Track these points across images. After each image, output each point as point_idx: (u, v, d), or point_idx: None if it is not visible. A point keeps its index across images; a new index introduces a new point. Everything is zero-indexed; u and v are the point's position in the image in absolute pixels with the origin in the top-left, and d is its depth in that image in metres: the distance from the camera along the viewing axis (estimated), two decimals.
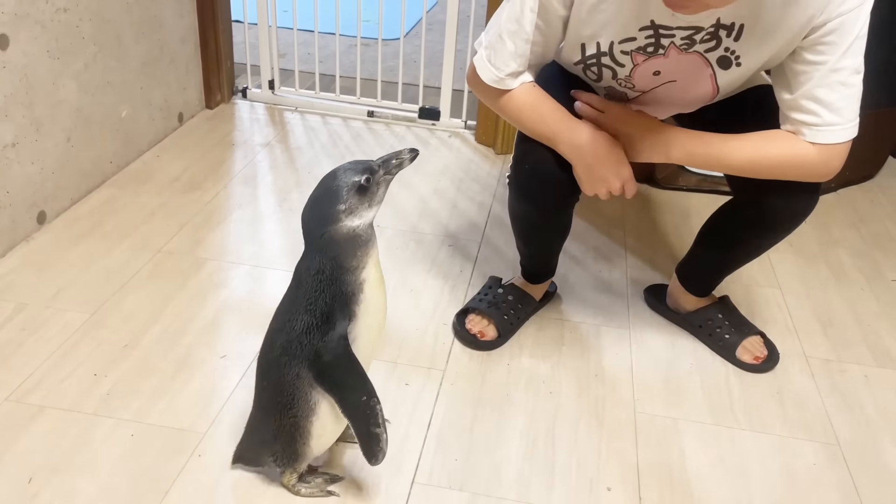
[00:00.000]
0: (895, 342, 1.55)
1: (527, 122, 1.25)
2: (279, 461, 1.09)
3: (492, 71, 1.23)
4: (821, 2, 1.07)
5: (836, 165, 1.19)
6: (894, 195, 2.17)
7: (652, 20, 1.15)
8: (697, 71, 1.20)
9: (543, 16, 1.19)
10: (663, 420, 1.31)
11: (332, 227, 0.98)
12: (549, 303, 1.59)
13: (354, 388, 1.01)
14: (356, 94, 2.41)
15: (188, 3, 2.17)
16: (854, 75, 1.14)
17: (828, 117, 1.14)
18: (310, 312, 1.00)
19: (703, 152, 1.20)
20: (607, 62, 1.23)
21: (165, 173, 1.97)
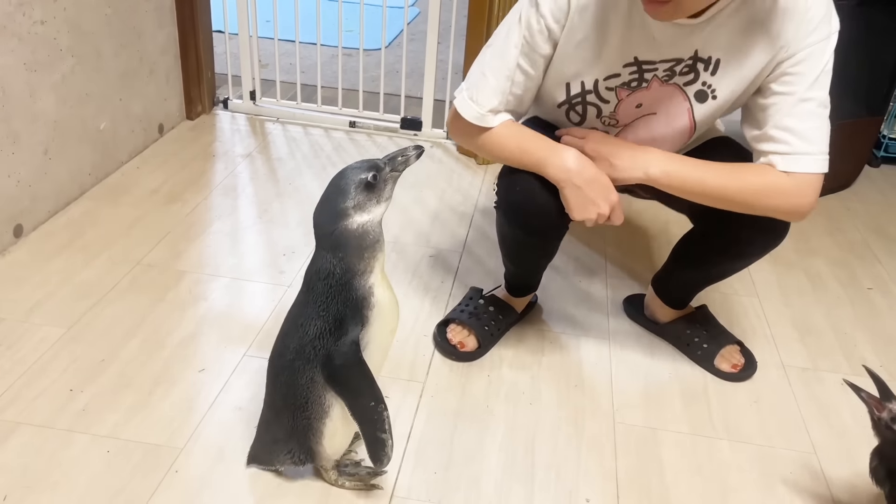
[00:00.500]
0: (871, 350, 1.57)
1: (512, 153, 1.25)
2: (297, 459, 1.12)
3: (473, 107, 1.25)
4: (789, 33, 1.12)
5: (809, 201, 1.17)
6: (870, 204, 2.20)
7: (636, 56, 1.19)
8: (677, 105, 1.23)
9: (528, 54, 1.21)
10: (642, 430, 1.31)
11: (343, 223, 1.01)
12: (530, 313, 1.59)
13: (363, 394, 1.04)
14: (338, 105, 2.41)
15: (168, 14, 2.16)
16: (822, 108, 1.17)
17: (798, 145, 1.15)
18: (322, 318, 1.03)
19: (681, 173, 1.19)
20: (592, 100, 1.25)
21: (145, 185, 1.96)
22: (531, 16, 1.20)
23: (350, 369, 1.04)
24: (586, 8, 1.18)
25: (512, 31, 1.22)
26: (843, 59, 2.09)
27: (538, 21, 1.19)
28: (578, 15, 1.18)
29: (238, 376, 1.35)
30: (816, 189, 1.17)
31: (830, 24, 1.15)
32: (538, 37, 1.20)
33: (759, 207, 1.19)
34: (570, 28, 1.19)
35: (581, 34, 1.19)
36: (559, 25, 1.19)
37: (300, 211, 1.91)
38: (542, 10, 1.18)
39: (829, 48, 1.15)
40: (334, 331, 1.03)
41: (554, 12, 1.18)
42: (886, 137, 2.41)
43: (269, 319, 1.51)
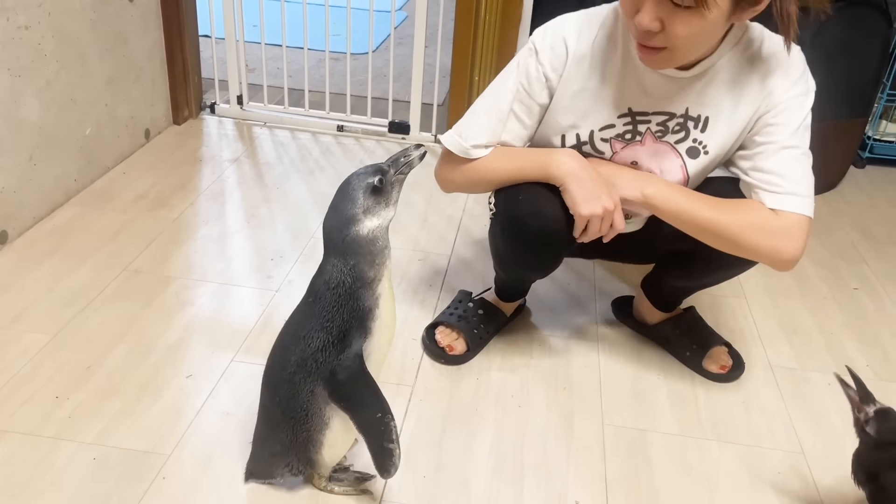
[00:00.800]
0: (857, 350, 1.58)
1: (507, 168, 1.25)
2: (295, 470, 1.11)
3: (458, 141, 1.26)
4: (772, 85, 1.17)
5: (796, 245, 1.16)
6: (856, 205, 2.22)
7: (629, 108, 1.22)
8: (670, 162, 1.25)
9: (524, 101, 1.24)
10: (631, 431, 1.32)
11: (354, 228, 1.02)
12: (519, 316, 1.59)
13: (369, 406, 1.03)
14: (325, 109, 2.41)
15: (154, 19, 2.15)
16: (805, 156, 1.19)
17: (785, 185, 1.17)
18: (326, 330, 1.02)
19: (675, 199, 1.19)
20: (588, 150, 1.26)
21: (132, 190, 1.95)
22: (530, 63, 1.23)
23: (355, 383, 1.03)
24: (583, 59, 1.22)
25: (509, 76, 1.25)
26: (827, 61, 2.12)
27: (536, 69, 1.22)
28: (576, 65, 1.22)
29: (226, 381, 1.34)
30: (804, 234, 1.17)
31: (808, 82, 1.20)
32: (535, 84, 1.23)
33: (745, 245, 1.18)
34: (567, 78, 1.22)
35: (577, 85, 1.23)
36: (556, 74, 1.22)
37: (288, 215, 1.90)
38: (541, 58, 1.22)
39: (807, 103, 1.19)
40: (337, 343, 1.02)
41: (552, 61, 1.22)
42: (871, 139, 2.43)
43: (258, 324, 1.50)
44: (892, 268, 1.89)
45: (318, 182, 2.09)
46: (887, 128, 2.47)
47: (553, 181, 1.20)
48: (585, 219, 1.18)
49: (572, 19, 1.24)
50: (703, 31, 1.07)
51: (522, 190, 1.23)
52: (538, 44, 1.23)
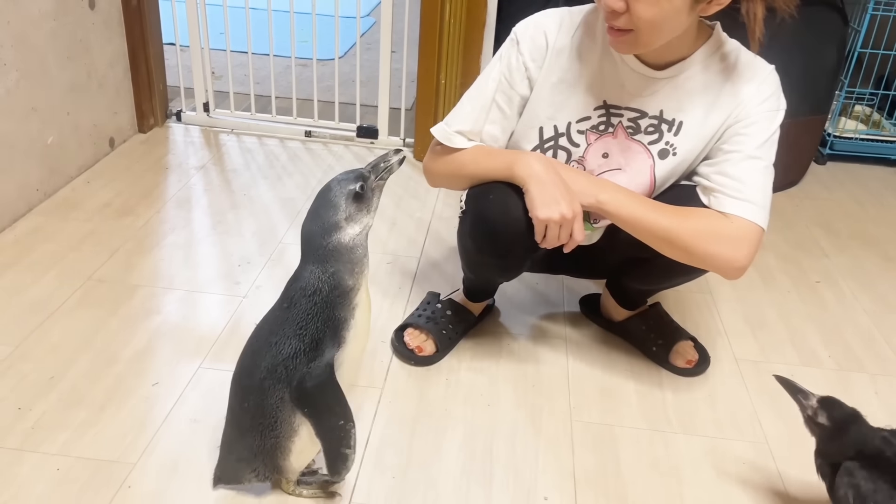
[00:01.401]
0: (820, 342, 1.61)
1: (480, 165, 1.27)
2: (262, 476, 1.10)
3: (442, 126, 1.29)
4: (745, 95, 1.21)
5: (745, 254, 1.18)
6: (818, 200, 2.26)
7: (605, 100, 1.25)
8: (641, 161, 1.27)
9: (506, 91, 1.27)
10: (599, 427, 1.33)
11: (336, 236, 1.01)
12: (488, 316, 1.60)
13: (334, 414, 1.03)
14: (293, 115, 2.40)
15: (116, 27, 2.14)
16: (767, 170, 1.22)
17: (742, 192, 1.19)
18: (299, 337, 1.01)
19: (629, 206, 1.20)
20: (564, 143, 1.28)
21: (96, 199, 1.93)
22: (511, 54, 1.26)
23: (323, 393, 1.02)
24: (563, 51, 1.25)
25: (493, 67, 1.28)
26: (787, 59, 2.15)
27: (517, 59, 1.26)
28: (555, 57, 1.25)
29: (193, 388, 1.33)
30: (754, 244, 1.19)
31: (780, 100, 1.24)
32: (516, 74, 1.26)
33: (697, 252, 1.20)
34: (547, 69, 1.25)
35: (556, 76, 1.25)
36: (536, 65, 1.25)
37: (255, 221, 1.90)
38: (522, 48, 1.25)
39: (777, 120, 1.23)
40: (309, 352, 1.01)
41: (532, 52, 1.25)
42: (832, 135, 2.48)
43: (225, 331, 1.49)
44: (853, 261, 1.93)
45: (285, 188, 2.08)
46: (846, 124, 2.52)
47: (517, 181, 1.21)
48: (543, 223, 1.18)
49: (554, 13, 1.27)
50: (666, 16, 1.09)
51: (493, 190, 1.25)
52: (520, 35, 1.26)
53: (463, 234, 1.35)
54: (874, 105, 2.54)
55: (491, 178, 1.25)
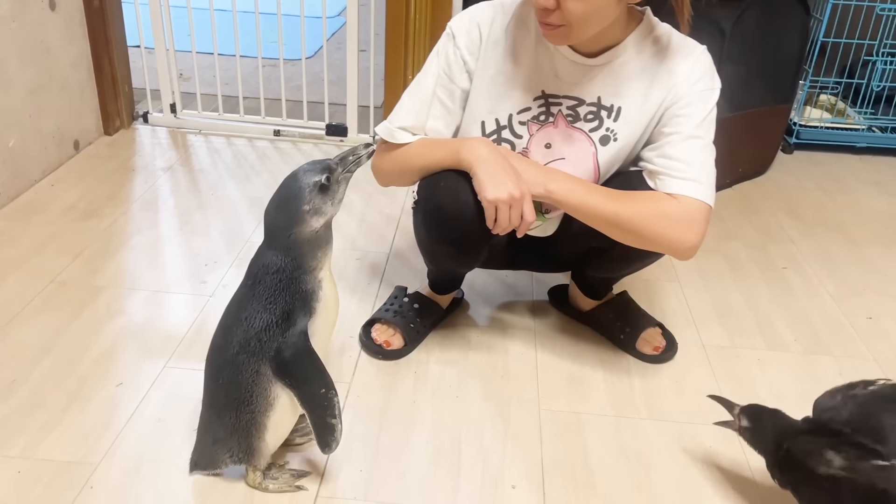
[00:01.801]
0: (785, 326, 1.62)
1: (426, 156, 1.26)
2: (235, 458, 1.10)
3: (385, 125, 1.30)
4: (679, 76, 1.22)
5: (695, 233, 1.19)
6: (784, 188, 2.28)
7: (543, 90, 1.26)
8: (583, 150, 1.28)
9: (446, 85, 1.28)
10: (567, 415, 1.33)
11: (298, 227, 1.02)
12: (457, 309, 1.60)
13: (314, 382, 1.04)
14: (261, 114, 2.39)
15: (78, 29, 2.11)
16: (708, 148, 1.23)
17: (686, 171, 1.20)
18: (269, 310, 1.03)
19: (578, 193, 1.21)
20: (507, 135, 1.29)
21: (60, 202, 1.90)
22: (448, 48, 1.27)
23: (300, 360, 1.04)
24: (497, 43, 1.26)
25: (430, 63, 1.30)
26: (749, 50, 2.18)
27: (454, 53, 1.27)
28: (491, 49, 1.26)
29: (158, 388, 1.32)
30: (702, 222, 1.20)
31: (714, 79, 1.25)
32: (455, 67, 1.27)
33: (647, 235, 1.20)
34: (483, 61, 1.26)
35: (493, 69, 1.27)
36: (473, 58, 1.27)
37: (223, 220, 1.88)
38: (458, 42, 1.27)
39: (713, 98, 1.24)
40: (282, 323, 1.03)
41: (468, 45, 1.26)
42: (797, 124, 2.50)
43: (191, 330, 1.48)
44: (819, 246, 1.95)
45: (253, 186, 2.07)
46: (812, 113, 2.55)
47: (463, 167, 1.21)
48: (492, 204, 1.17)
49: (487, 7, 1.28)
50: (596, 9, 1.11)
51: (443, 178, 1.24)
52: (455, 29, 1.27)
53: (417, 225, 1.35)
54: (838, 94, 2.57)
55: (439, 168, 1.25)
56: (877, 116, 2.52)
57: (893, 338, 1.60)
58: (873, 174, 2.41)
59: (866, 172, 2.42)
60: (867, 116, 2.52)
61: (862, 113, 2.52)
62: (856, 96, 2.51)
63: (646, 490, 1.19)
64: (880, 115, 2.51)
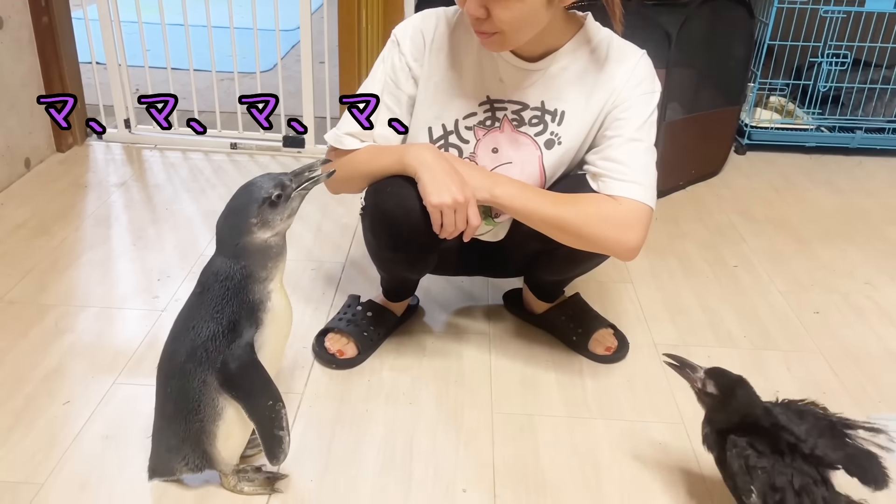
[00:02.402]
0: (736, 323, 1.65)
1: (373, 162, 1.28)
2: (192, 465, 1.09)
3: (333, 132, 1.31)
4: (619, 81, 1.24)
5: (636, 235, 1.21)
6: (737, 189, 2.33)
7: (488, 95, 1.28)
8: (529, 153, 1.29)
9: (393, 91, 1.29)
10: (519, 417, 1.34)
11: (246, 238, 1.03)
12: (412, 316, 1.60)
13: (260, 394, 1.04)
14: (217, 128, 2.38)
15: (27, 47, 2.09)
16: (649, 150, 1.26)
17: (627, 174, 1.23)
18: (216, 320, 1.03)
19: (522, 197, 1.22)
20: (454, 140, 1.30)
21: (9, 221, 1.88)
22: (394, 55, 1.29)
23: (245, 371, 1.04)
24: (441, 49, 1.28)
25: (376, 70, 1.31)
26: (695, 54, 2.22)
27: (399, 59, 1.28)
28: (434, 56, 1.28)
29: (106, 405, 1.31)
30: (643, 223, 1.22)
31: (654, 83, 1.27)
32: (400, 74, 1.28)
33: (589, 237, 1.22)
34: (428, 68, 1.28)
35: (438, 75, 1.28)
36: (418, 64, 1.28)
37: (176, 235, 1.87)
38: (403, 48, 1.28)
39: (653, 101, 1.26)
40: (228, 333, 1.03)
41: (413, 51, 1.28)
42: (748, 126, 2.55)
43: (142, 345, 1.46)
44: (769, 244, 1.99)
45: (209, 200, 2.06)
46: (762, 114, 2.60)
47: (409, 172, 1.22)
48: (437, 208, 1.19)
49: (430, 14, 1.30)
50: (527, 15, 1.13)
51: (389, 184, 1.25)
52: (399, 36, 1.29)
53: (365, 231, 1.36)
54: (787, 95, 2.63)
55: (385, 174, 1.26)
56: (825, 116, 2.58)
57: (839, 332, 1.63)
58: (823, 173, 2.46)
59: (816, 171, 2.47)
60: (815, 117, 2.58)
61: (810, 113, 2.58)
62: (804, 97, 2.57)
63: (595, 489, 1.20)
64: (828, 115, 2.57)
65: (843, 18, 2.40)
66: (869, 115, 2.56)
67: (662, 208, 2.15)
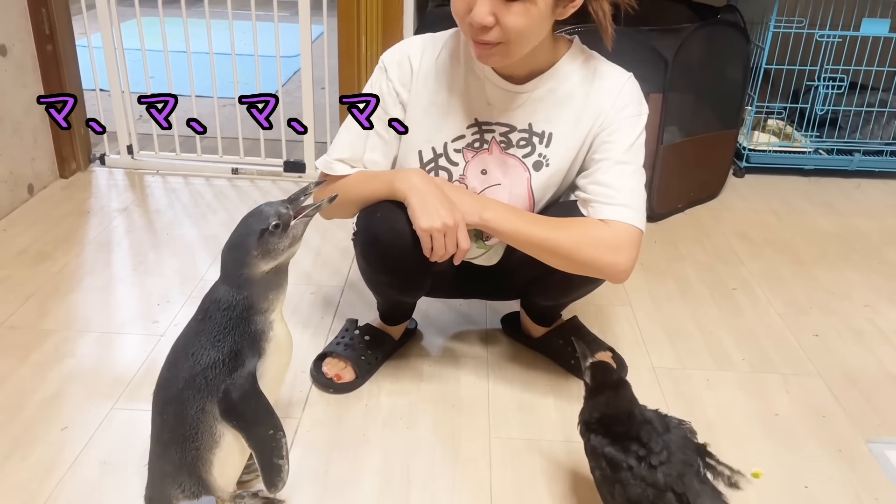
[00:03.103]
0: (734, 345, 1.65)
1: (363, 187, 1.29)
2: (188, 492, 1.08)
3: (324, 158, 1.33)
4: (606, 104, 1.26)
5: (626, 258, 1.21)
6: (735, 211, 2.33)
7: (476, 118, 1.30)
8: (517, 175, 1.31)
9: (381, 117, 1.31)
10: (517, 442, 1.34)
11: (247, 270, 1.04)
12: (410, 340, 1.60)
13: (262, 424, 1.04)
14: (218, 153, 2.40)
15: (30, 74, 2.12)
16: (638, 173, 1.27)
17: (615, 197, 1.23)
18: (217, 348, 1.03)
19: (511, 220, 1.23)
20: (444, 163, 1.32)
21: (12, 246, 1.89)
22: (381, 80, 1.31)
23: (248, 402, 1.04)
24: (428, 74, 1.30)
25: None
26: (692, 78, 2.24)
27: (387, 85, 1.30)
28: (422, 81, 1.29)
29: (104, 431, 1.31)
30: (633, 246, 1.22)
31: (641, 105, 1.28)
32: (388, 99, 1.30)
33: (580, 260, 1.22)
34: (415, 93, 1.30)
35: (426, 100, 1.30)
36: (405, 89, 1.30)
37: (177, 259, 1.88)
38: (390, 74, 1.30)
39: (640, 124, 1.27)
40: (229, 362, 1.03)
41: (400, 77, 1.30)
42: (746, 149, 2.57)
43: (141, 370, 1.47)
44: (767, 267, 1.99)
45: (209, 225, 2.07)
46: (759, 138, 2.61)
47: (398, 197, 1.24)
48: (426, 232, 1.20)
49: (417, 40, 1.32)
50: (532, 24, 1.14)
51: (380, 208, 1.27)
52: (386, 62, 1.31)
53: (357, 255, 1.37)
54: (784, 118, 2.64)
55: (375, 199, 1.27)
56: (822, 139, 2.59)
57: (839, 354, 1.63)
58: (821, 195, 2.47)
59: (815, 193, 2.48)
60: (813, 140, 2.59)
61: (808, 136, 2.59)
62: (802, 120, 2.58)
63: None
64: (825, 137, 2.59)
65: (838, 42, 2.42)
66: (867, 138, 2.58)
67: (661, 231, 2.16)
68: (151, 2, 2.28)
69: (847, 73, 2.45)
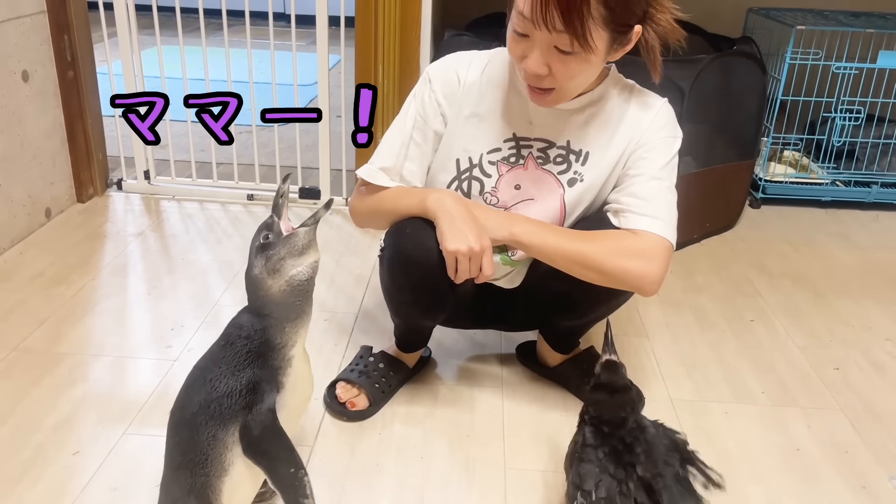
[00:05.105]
0: (753, 378, 1.62)
1: (397, 202, 1.30)
2: None
3: (367, 167, 1.34)
4: (643, 124, 1.28)
5: (657, 268, 1.22)
6: (752, 242, 2.31)
7: (514, 133, 1.31)
8: (551, 191, 1.31)
9: (421, 127, 1.33)
10: (533, 474, 1.31)
11: (262, 291, 1.04)
12: (425, 367, 1.59)
13: (283, 461, 1.03)
14: (234, 179, 2.42)
15: (51, 99, 2.15)
16: (670, 192, 1.28)
17: (648, 209, 1.24)
18: (235, 377, 1.02)
19: (540, 234, 1.24)
20: (477, 174, 1.32)
21: (28, 269, 1.90)
22: (425, 92, 1.32)
23: (269, 438, 1.02)
24: (473, 87, 1.32)
25: (409, 105, 1.34)
26: (709, 108, 2.24)
27: (430, 96, 1.32)
28: (466, 93, 1.31)
29: (115, 456, 1.30)
30: (663, 257, 1.23)
31: (676, 129, 1.31)
32: (429, 110, 1.32)
33: (609, 271, 1.22)
34: (459, 104, 1.31)
35: (469, 110, 1.32)
36: (448, 101, 1.31)
37: (192, 284, 1.88)
38: (434, 86, 1.32)
39: (675, 146, 1.29)
40: (246, 393, 1.02)
41: (444, 89, 1.32)
42: (763, 180, 2.55)
43: (153, 395, 1.46)
44: (785, 299, 1.97)
45: (224, 250, 2.08)
46: (776, 168, 2.60)
47: (428, 215, 1.24)
48: (452, 255, 1.20)
49: (463, 55, 1.35)
50: (585, 71, 1.18)
51: (409, 225, 1.27)
52: (431, 74, 1.33)
53: (382, 273, 1.38)
54: (801, 149, 2.63)
55: (407, 214, 1.28)
56: (839, 171, 2.57)
57: (860, 388, 1.60)
58: (839, 227, 2.45)
59: (832, 225, 2.46)
60: (830, 171, 2.58)
61: (825, 168, 2.58)
62: (818, 152, 2.57)
63: None
64: (842, 169, 2.57)
65: (855, 74, 2.42)
66: (884, 170, 2.56)
67: (677, 261, 2.14)
68: (172, 30, 2.31)
69: (864, 104, 2.45)
